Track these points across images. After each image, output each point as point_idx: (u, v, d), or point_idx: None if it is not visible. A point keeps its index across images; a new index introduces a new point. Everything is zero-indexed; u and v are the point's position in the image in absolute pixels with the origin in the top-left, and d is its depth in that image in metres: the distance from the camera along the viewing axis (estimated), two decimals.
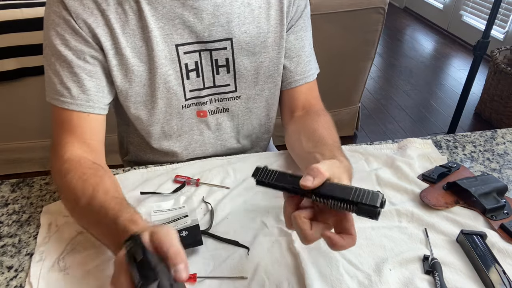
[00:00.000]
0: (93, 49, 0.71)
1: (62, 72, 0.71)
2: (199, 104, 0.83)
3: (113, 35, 0.70)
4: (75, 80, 0.71)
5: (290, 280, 0.60)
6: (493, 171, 0.84)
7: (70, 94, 0.71)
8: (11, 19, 1.57)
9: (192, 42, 0.75)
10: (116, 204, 0.59)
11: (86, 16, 0.68)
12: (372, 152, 0.86)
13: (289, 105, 0.89)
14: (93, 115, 0.74)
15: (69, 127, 0.73)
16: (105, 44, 0.70)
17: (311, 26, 0.88)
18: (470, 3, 3.62)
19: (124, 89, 0.76)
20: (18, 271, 0.62)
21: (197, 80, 0.80)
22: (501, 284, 0.58)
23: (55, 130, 0.74)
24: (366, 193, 0.49)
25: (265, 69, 0.82)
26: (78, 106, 0.72)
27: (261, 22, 0.78)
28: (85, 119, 0.73)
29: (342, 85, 2.16)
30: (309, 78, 0.87)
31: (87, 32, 0.69)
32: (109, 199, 0.61)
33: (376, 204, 0.47)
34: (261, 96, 0.87)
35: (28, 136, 1.93)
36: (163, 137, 0.86)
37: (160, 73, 0.75)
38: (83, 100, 0.72)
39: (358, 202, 0.48)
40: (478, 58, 1.98)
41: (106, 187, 0.64)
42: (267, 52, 0.81)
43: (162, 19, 0.72)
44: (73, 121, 0.73)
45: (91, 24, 0.68)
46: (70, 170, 0.67)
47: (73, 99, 0.72)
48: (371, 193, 0.49)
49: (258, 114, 0.90)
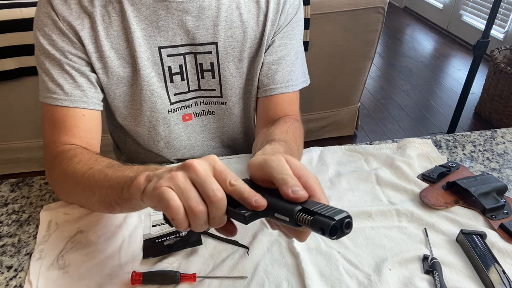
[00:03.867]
0: (80, 51, 0.70)
1: (52, 70, 0.70)
2: (184, 108, 0.82)
3: (97, 38, 0.70)
4: (66, 77, 0.70)
5: (289, 280, 0.60)
6: (492, 170, 0.84)
7: (62, 91, 0.70)
8: (11, 19, 1.57)
9: (176, 45, 0.74)
10: (122, 164, 0.58)
11: (72, 19, 0.68)
12: (371, 151, 0.86)
13: (264, 115, 0.82)
14: (88, 112, 0.72)
15: (63, 127, 0.71)
16: (88, 47, 0.70)
17: (301, 36, 0.83)
18: (470, 2, 3.62)
19: (110, 90, 0.75)
20: (18, 271, 0.62)
21: (181, 83, 0.78)
22: (500, 283, 0.58)
23: (48, 131, 0.72)
24: (329, 208, 0.42)
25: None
26: (72, 102, 0.71)
27: (249, 27, 0.76)
28: (80, 118, 0.71)
29: (342, 85, 2.16)
30: (288, 88, 0.80)
31: (73, 34, 0.69)
32: (115, 162, 0.60)
33: (334, 217, 0.40)
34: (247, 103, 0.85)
35: (27, 135, 1.93)
36: (152, 142, 0.85)
37: (143, 75, 0.74)
38: (77, 96, 0.71)
39: (315, 213, 0.41)
40: (478, 58, 1.98)
41: (106, 158, 0.63)
42: (253, 58, 0.79)
43: (145, 20, 0.71)
44: (67, 120, 0.71)
45: (75, 27, 0.68)
46: (76, 155, 0.66)
47: (66, 96, 0.70)
48: (336, 210, 0.42)
49: (244, 121, 0.88)
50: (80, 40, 0.69)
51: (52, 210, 0.72)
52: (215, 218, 0.44)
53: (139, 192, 0.48)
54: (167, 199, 0.42)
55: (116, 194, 0.54)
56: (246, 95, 0.84)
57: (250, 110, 0.87)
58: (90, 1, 0.69)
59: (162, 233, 0.67)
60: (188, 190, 0.43)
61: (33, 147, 1.96)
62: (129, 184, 0.50)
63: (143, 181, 0.47)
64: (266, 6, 0.75)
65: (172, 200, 0.42)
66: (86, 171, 0.61)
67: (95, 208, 0.65)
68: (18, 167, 2.03)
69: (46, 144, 0.72)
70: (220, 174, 0.44)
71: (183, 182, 0.43)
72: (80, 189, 0.62)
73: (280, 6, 0.76)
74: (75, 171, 0.63)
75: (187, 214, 0.43)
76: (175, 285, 0.59)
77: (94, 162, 0.63)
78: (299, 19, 0.81)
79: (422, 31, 4.07)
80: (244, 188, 0.43)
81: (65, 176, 0.65)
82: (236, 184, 0.43)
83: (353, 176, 0.79)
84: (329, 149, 0.88)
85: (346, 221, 0.41)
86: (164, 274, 0.59)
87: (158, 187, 0.43)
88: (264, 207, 0.43)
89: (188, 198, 0.42)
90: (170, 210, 0.42)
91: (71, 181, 0.64)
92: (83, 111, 0.72)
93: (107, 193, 0.56)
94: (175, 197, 0.42)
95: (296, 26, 0.80)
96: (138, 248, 0.65)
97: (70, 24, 0.68)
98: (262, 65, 0.79)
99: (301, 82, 0.83)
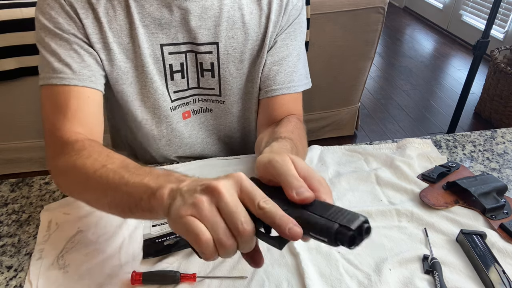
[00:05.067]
0: (84, 37, 0.70)
1: (59, 50, 0.68)
2: (184, 105, 0.82)
3: (101, 29, 0.70)
4: (73, 56, 0.69)
5: (289, 280, 0.60)
6: (492, 170, 0.84)
7: (70, 69, 0.68)
8: (11, 19, 1.58)
9: (177, 43, 0.74)
10: (137, 165, 0.55)
11: (77, 6, 0.68)
12: (371, 152, 0.86)
13: (267, 115, 0.82)
14: (94, 94, 0.70)
15: (68, 110, 0.68)
16: (92, 36, 0.70)
17: (303, 38, 0.82)
18: (470, 2, 3.62)
19: (113, 83, 0.75)
20: (18, 271, 0.62)
21: (181, 81, 0.78)
22: (500, 283, 0.58)
23: (51, 117, 0.69)
24: (345, 213, 0.39)
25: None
26: (81, 81, 0.69)
27: (251, 28, 0.76)
28: (85, 100, 0.69)
29: (342, 85, 2.16)
30: (290, 89, 0.80)
31: (78, 20, 0.68)
32: (129, 160, 0.57)
33: (351, 226, 0.37)
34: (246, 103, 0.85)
35: (27, 135, 1.93)
36: (153, 140, 0.85)
37: (145, 72, 0.74)
38: (85, 75, 0.69)
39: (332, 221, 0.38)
40: (477, 58, 1.98)
41: (119, 155, 0.60)
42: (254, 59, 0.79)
43: (148, 17, 0.71)
44: (73, 103, 0.68)
45: (80, 14, 0.68)
46: (84, 148, 0.62)
47: (74, 74, 0.68)
48: (351, 214, 0.39)
49: (242, 121, 0.88)
50: (84, 27, 0.69)
51: (52, 210, 0.72)
52: (244, 248, 0.42)
53: (162, 209, 0.45)
54: (195, 232, 0.40)
55: (133, 202, 0.50)
56: (247, 96, 0.84)
57: (250, 112, 0.86)
58: None
59: (162, 233, 0.67)
60: (216, 222, 0.40)
61: (33, 147, 1.96)
62: (150, 196, 0.47)
63: (167, 197, 0.45)
64: (268, 8, 0.76)
65: (202, 233, 0.40)
66: (98, 169, 0.56)
67: (104, 210, 0.59)
68: (18, 167, 2.03)
69: (48, 131, 0.69)
70: (249, 196, 0.42)
71: (210, 211, 0.40)
72: (91, 188, 0.58)
73: (283, 8, 0.76)
74: (84, 167, 0.58)
75: (216, 246, 0.41)
76: (175, 285, 0.59)
77: (106, 159, 0.58)
78: (302, 21, 0.80)
79: (422, 31, 4.07)
80: (275, 213, 0.40)
81: (73, 170, 0.61)
82: (265, 207, 0.40)
83: (353, 176, 0.79)
84: (329, 149, 0.88)
85: (365, 227, 0.38)
86: (164, 274, 0.59)
87: (183, 215, 0.41)
88: (299, 237, 0.39)
89: (217, 231, 0.40)
90: (199, 244, 0.40)
91: (80, 177, 0.60)
92: (89, 92, 0.70)
93: (122, 198, 0.52)
94: (204, 229, 0.40)
95: (298, 28, 0.80)
96: (138, 248, 0.65)
97: (75, 10, 0.68)
98: (263, 66, 0.79)
99: (304, 84, 0.83)
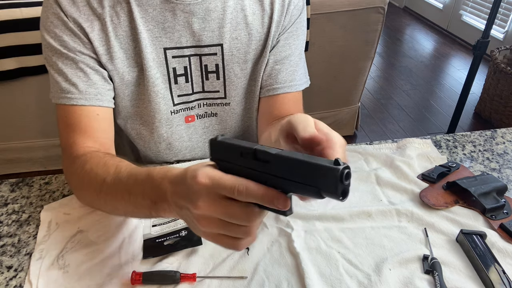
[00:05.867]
0: (91, 51, 0.71)
1: (65, 69, 0.70)
2: (187, 109, 0.82)
3: (107, 40, 0.70)
4: (80, 75, 0.70)
5: (289, 280, 0.60)
6: (492, 170, 0.84)
7: (77, 89, 0.70)
8: (11, 19, 1.58)
9: (181, 46, 0.74)
10: (144, 168, 0.57)
11: (81, 21, 0.68)
12: (371, 152, 0.86)
13: (268, 114, 0.82)
14: (102, 110, 0.72)
15: (78, 128, 0.70)
16: (98, 49, 0.70)
17: (304, 37, 0.83)
18: (470, 2, 3.62)
19: (120, 91, 0.76)
20: (18, 271, 0.62)
21: (185, 85, 0.79)
22: (500, 283, 0.58)
23: (64, 132, 0.72)
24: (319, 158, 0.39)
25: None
26: (87, 100, 0.71)
27: (254, 29, 0.76)
28: (94, 118, 0.72)
29: (342, 85, 2.16)
30: (291, 88, 0.81)
31: (84, 35, 0.69)
32: (136, 167, 0.59)
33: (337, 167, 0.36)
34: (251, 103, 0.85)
35: (27, 135, 1.93)
36: (153, 144, 0.85)
37: (148, 76, 0.74)
38: (92, 94, 0.71)
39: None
40: (477, 58, 1.98)
41: (128, 163, 0.62)
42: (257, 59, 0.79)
43: (151, 21, 0.71)
44: (82, 121, 0.71)
45: (85, 29, 0.69)
46: (86, 162, 0.64)
47: (81, 94, 0.70)
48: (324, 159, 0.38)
49: (245, 120, 0.88)
50: (90, 41, 0.70)
51: (52, 210, 0.72)
52: (262, 200, 0.42)
53: (174, 215, 0.50)
54: (221, 245, 0.45)
55: (144, 214, 0.56)
56: (249, 95, 0.84)
57: (252, 110, 0.87)
58: (99, 2, 0.69)
59: (162, 233, 0.67)
60: (226, 227, 0.43)
61: (33, 147, 1.96)
62: (156, 210, 0.52)
63: (174, 208, 0.48)
64: (271, 8, 0.76)
65: (226, 244, 0.45)
66: (111, 180, 0.59)
67: (102, 207, 0.65)
68: (18, 167, 2.03)
69: (63, 147, 0.72)
70: (224, 189, 0.42)
71: (214, 224, 0.43)
72: (102, 202, 0.62)
73: (285, 8, 0.77)
74: (97, 176, 0.61)
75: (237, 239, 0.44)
76: (175, 285, 0.59)
77: (105, 171, 0.61)
78: (303, 20, 0.81)
79: (422, 31, 4.07)
80: (255, 196, 0.41)
81: (81, 188, 0.66)
82: (242, 192, 0.41)
83: (353, 176, 0.78)
84: None
85: (345, 172, 0.37)
86: (164, 274, 0.59)
87: (204, 232, 0.45)
88: (288, 206, 0.41)
89: (231, 231, 0.43)
90: (233, 248, 0.45)
91: (87, 198, 0.66)
92: (97, 110, 0.72)
93: (133, 212, 0.58)
94: (225, 239, 0.44)
95: (300, 27, 0.81)
96: (138, 248, 0.65)
97: (80, 25, 0.68)
98: (266, 65, 0.80)
99: (304, 82, 0.84)
